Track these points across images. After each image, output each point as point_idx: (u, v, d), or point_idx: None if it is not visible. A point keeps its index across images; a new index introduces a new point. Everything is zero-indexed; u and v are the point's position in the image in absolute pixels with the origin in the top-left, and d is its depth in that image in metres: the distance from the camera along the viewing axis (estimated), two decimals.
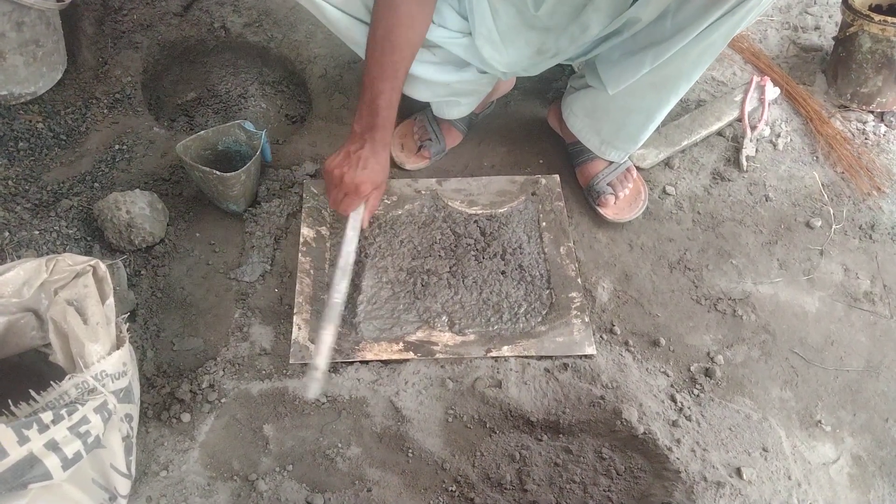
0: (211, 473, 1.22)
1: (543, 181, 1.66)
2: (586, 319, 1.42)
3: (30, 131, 1.68)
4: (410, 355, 1.36)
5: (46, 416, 0.91)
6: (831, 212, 1.67)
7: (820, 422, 1.35)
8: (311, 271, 1.48)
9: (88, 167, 1.65)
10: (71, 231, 1.49)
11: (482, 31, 1.37)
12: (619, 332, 1.44)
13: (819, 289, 1.54)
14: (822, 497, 1.26)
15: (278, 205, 1.58)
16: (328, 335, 1.29)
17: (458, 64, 1.49)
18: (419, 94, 1.54)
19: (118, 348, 1.05)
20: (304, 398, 1.29)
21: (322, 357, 1.27)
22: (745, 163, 1.73)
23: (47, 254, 1.41)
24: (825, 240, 1.62)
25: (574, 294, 1.46)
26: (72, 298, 1.06)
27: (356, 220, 1.42)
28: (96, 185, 1.61)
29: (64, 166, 1.64)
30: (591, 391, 1.32)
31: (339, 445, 1.26)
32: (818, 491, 1.26)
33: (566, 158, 1.72)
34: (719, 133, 1.80)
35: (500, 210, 1.61)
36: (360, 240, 1.46)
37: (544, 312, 1.44)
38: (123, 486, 1.09)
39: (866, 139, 1.83)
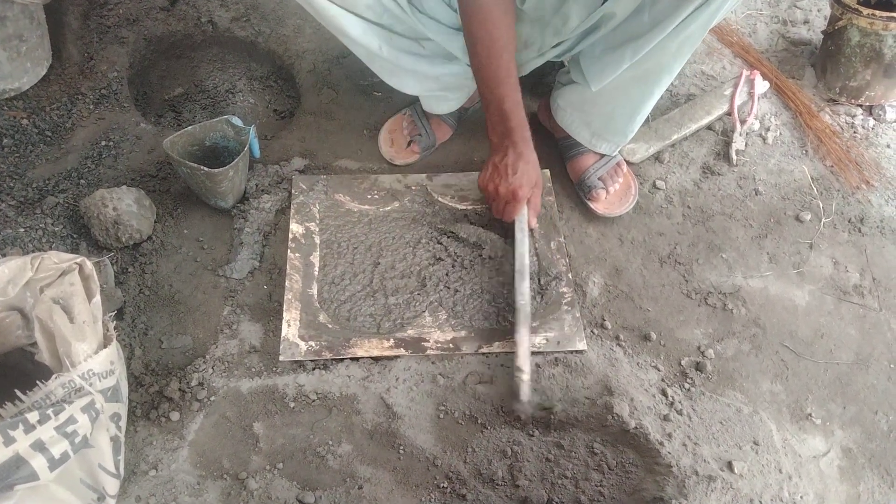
0: (201, 472, 1.21)
1: None
2: (577, 314, 1.42)
3: (14, 128, 1.66)
4: (401, 352, 1.36)
5: (32, 417, 0.90)
6: (821, 205, 1.67)
7: (810, 415, 1.36)
8: (301, 267, 1.47)
9: (74, 164, 1.63)
10: (57, 228, 1.47)
11: None
12: (609, 327, 1.44)
13: (809, 282, 1.54)
14: (812, 490, 1.26)
15: (267, 201, 1.57)
16: (524, 337, 1.31)
17: (447, 57, 1.49)
18: (407, 86, 1.54)
19: (105, 347, 1.04)
20: (518, 400, 1.27)
21: (524, 359, 1.28)
22: (734, 157, 1.73)
23: (33, 251, 1.38)
24: (815, 233, 1.62)
25: (565, 289, 1.46)
26: (58, 297, 1.05)
27: (522, 223, 1.44)
28: (82, 181, 1.59)
29: (49, 163, 1.63)
30: (582, 386, 1.32)
31: (330, 443, 1.25)
32: (809, 484, 1.27)
33: (556, 153, 1.72)
34: (709, 127, 1.80)
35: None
36: (530, 240, 1.49)
37: (535, 308, 1.44)
38: (112, 485, 1.08)
39: (855, 133, 1.84)
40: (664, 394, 1.33)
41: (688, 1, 1.21)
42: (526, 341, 1.31)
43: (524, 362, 1.28)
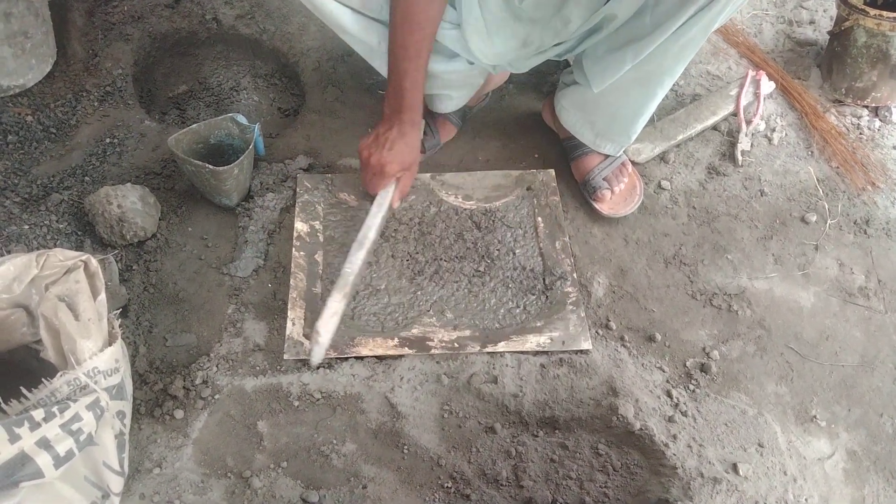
0: (205, 470, 1.20)
1: (539, 176, 1.65)
2: (582, 314, 1.42)
3: (19, 124, 1.66)
4: (406, 351, 1.36)
5: (38, 414, 0.90)
6: (826, 207, 1.67)
7: (815, 417, 1.35)
8: (305, 266, 1.46)
9: (79, 161, 1.62)
10: (61, 226, 1.47)
11: (469, 20, 1.38)
12: (614, 328, 1.43)
13: (814, 284, 1.54)
14: (817, 492, 1.26)
15: (271, 199, 1.57)
16: (335, 302, 1.31)
17: (447, 54, 1.48)
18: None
19: (110, 345, 1.03)
20: (310, 364, 1.30)
21: (325, 322, 1.28)
22: (740, 157, 1.73)
23: (37, 249, 1.38)
24: (820, 235, 1.62)
25: (569, 289, 1.46)
26: (63, 294, 1.04)
27: (383, 198, 1.45)
28: (87, 179, 1.59)
29: (54, 160, 1.62)
30: (587, 386, 1.32)
31: (334, 442, 1.25)
32: (813, 486, 1.26)
33: (561, 153, 1.71)
34: (714, 127, 1.80)
35: (495, 204, 1.60)
36: (386, 219, 1.49)
37: (540, 307, 1.44)
38: (116, 483, 1.08)
39: (861, 134, 1.83)
40: (669, 395, 1.33)
41: (690, 4, 1.21)
42: (333, 306, 1.31)
43: (323, 325, 1.28)
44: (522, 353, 1.36)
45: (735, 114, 1.79)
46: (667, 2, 1.24)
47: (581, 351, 1.37)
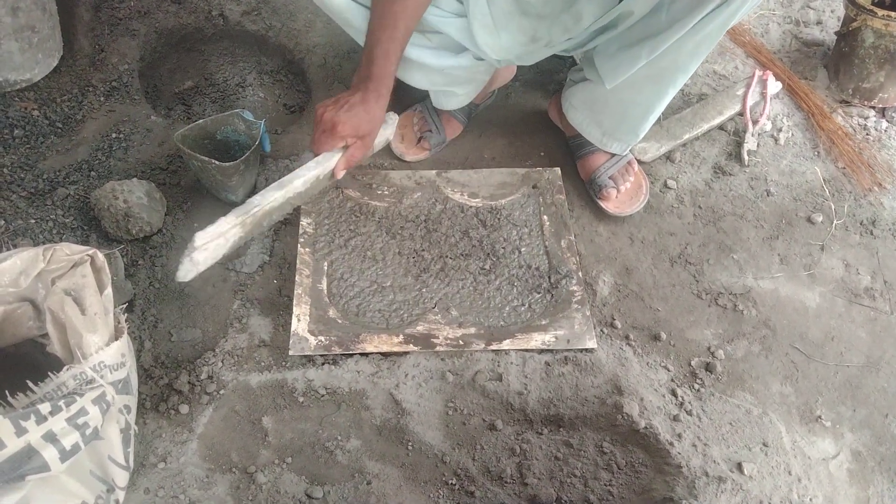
0: (209, 465, 1.21)
1: (545, 174, 1.65)
2: (587, 313, 1.42)
3: (25, 119, 1.66)
4: (411, 348, 1.36)
5: (44, 408, 0.90)
6: (832, 207, 1.66)
7: (820, 417, 1.35)
8: (311, 262, 1.46)
9: (85, 156, 1.63)
10: (67, 220, 1.47)
11: (477, 14, 1.37)
12: (619, 326, 1.43)
13: (820, 284, 1.54)
14: (821, 492, 1.26)
15: None
16: (226, 223, 1.20)
17: (455, 49, 1.47)
18: (415, 80, 1.53)
19: (116, 339, 1.03)
20: (175, 279, 1.17)
21: (204, 234, 1.17)
22: (746, 157, 1.72)
23: (43, 243, 1.39)
24: (826, 235, 1.62)
25: (575, 287, 1.46)
26: (69, 288, 1.04)
27: (326, 159, 1.34)
28: (93, 173, 1.59)
29: (60, 154, 1.62)
30: (591, 385, 1.32)
31: (339, 438, 1.25)
32: (818, 486, 1.26)
33: (567, 151, 1.71)
34: (721, 127, 1.79)
35: (501, 202, 1.60)
36: (322, 182, 1.37)
37: (545, 306, 1.44)
38: (121, 477, 1.08)
39: (868, 135, 1.83)
40: (674, 394, 1.33)
41: (707, 1, 1.20)
42: (223, 227, 1.19)
43: (201, 238, 1.16)
44: (527, 350, 1.36)
45: (741, 113, 1.79)
46: (682, 0, 1.23)
47: (586, 349, 1.37)
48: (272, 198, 1.26)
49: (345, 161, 1.36)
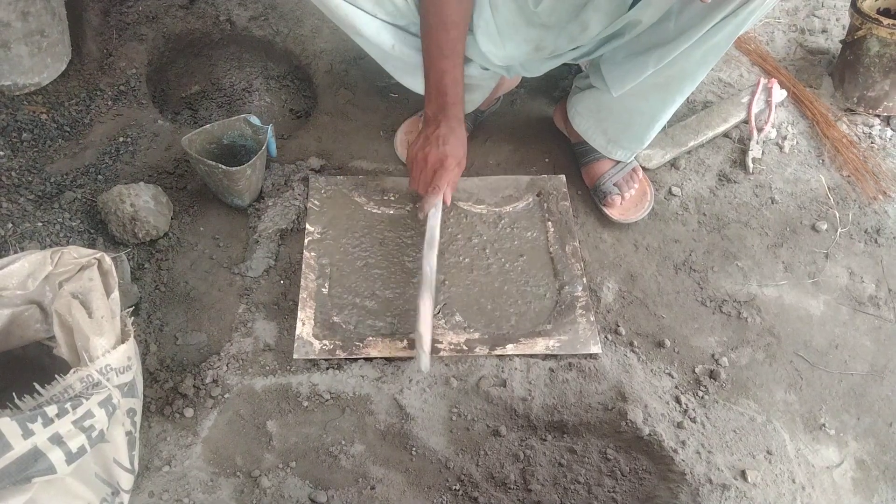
0: (214, 469, 1.21)
1: (549, 181, 1.66)
2: (591, 319, 1.42)
3: (33, 122, 1.67)
4: (415, 353, 1.36)
5: (51, 410, 0.90)
6: (837, 215, 1.66)
7: (824, 425, 1.35)
8: (316, 267, 1.47)
9: (92, 159, 1.63)
10: (74, 223, 1.48)
11: (479, 23, 1.38)
12: (623, 333, 1.43)
13: (824, 292, 1.54)
14: (825, 501, 1.25)
15: (283, 200, 1.58)
16: (426, 306, 1.31)
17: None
18: (420, 87, 1.53)
19: (123, 342, 1.04)
20: (419, 370, 1.31)
21: (426, 326, 1.29)
22: (751, 165, 1.73)
23: (50, 246, 1.39)
24: (830, 243, 1.62)
25: (579, 294, 1.46)
26: (77, 291, 1.05)
27: (438, 197, 1.44)
28: (100, 177, 1.60)
29: (67, 158, 1.63)
30: (596, 391, 1.32)
31: (343, 443, 1.25)
32: (822, 495, 1.26)
33: (572, 157, 1.72)
34: (726, 135, 1.80)
35: (505, 209, 1.61)
36: (442, 216, 1.48)
37: (549, 312, 1.44)
38: (126, 480, 1.08)
39: (872, 143, 1.83)
40: (678, 401, 1.33)
41: (716, 11, 1.19)
42: (427, 309, 1.31)
43: (425, 329, 1.29)
44: (531, 356, 1.37)
45: (746, 121, 1.79)
46: (692, 8, 1.22)
47: (590, 355, 1.37)
48: (434, 259, 1.39)
49: (451, 190, 1.47)
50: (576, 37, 1.37)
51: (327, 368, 1.34)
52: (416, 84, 1.53)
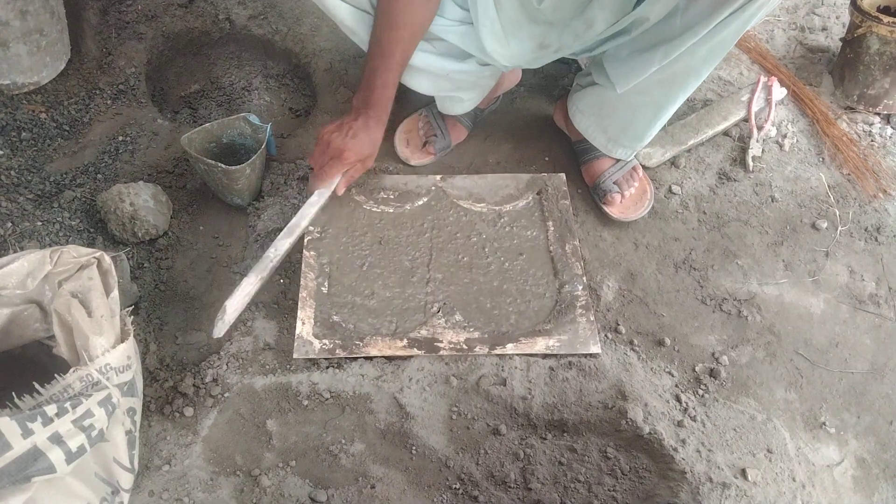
0: (213, 468, 1.21)
1: (549, 179, 1.66)
2: (591, 318, 1.42)
3: (32, 121, 1.67)
4: (415, 352, 1.36)
5: (50, 409, 0.90)
6: (837, 213, 1.66)
7: (824, 424, 1.35)
8: (315, 265, 1.47)
9: (91, 158, 1.63)
10: (74, 223, 1.48)
11: (485, 22, 1.37)
12: (624, 332, 1.43)
13: (824, 290, 1.54)
14: (825, 499, 1.25)
15: (283, 199, 1.57)
16: (249, 284, 1.32)
17: (459, 55, 1.48)
18: (420, 85, 1.53)
19: (123, 341, 1.04)
20: (210, 336, 1.30)
21: (234, 301, 1.29)
22: (751, 163, 1.73)
23: (50, 245, 1.40)
24: (831, 241, 1.62)
25: (579, 293, 1.46)
26: (76, 290, 1.05)
27: (328, 188, 1.45)
28: (99, 176, 1.60)
29: (67, 157, 1.63)
30: (596, 390, 1.32)
31: (343, 441, 1.25)
32: (822, 493, 1.26)
33: (572, 156, 1.72)
34: (726, 133, 1.79)
35: (505, 207, 1.61)
36: (322, 209, 1.47)
37: (549, 311, 1.44)
38: (126, 480, 1.08)
39: (872, 141, 1.83)
40: (678, 399, 1.33)
41: (723, 7, 1.19)
42: (247, 288, 1.31)
43: (231, 304, 1.28)
44: (531, 355, 1.36)
45: (746, 119, 1.79)
46: (699, 5, 1.22)
47: (590, 354, 1.37)
48: (284, 246, 1.38)
49: (345, 181, 1.47)
50: (581, 34, 1.36)
51: (327, 367, 1.33)
52: (414, 83, 1.53)
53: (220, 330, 1.28)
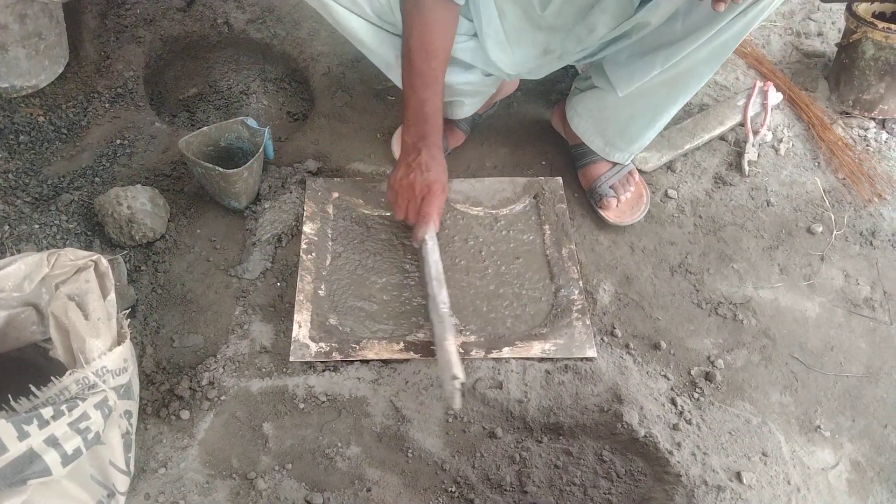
0: (210, 471, 1.21)
1: (546, 183, 1.66)
2: (587, 322, 1.42)
3: (30, 124, 1.67)
4: (411, 355, 1.36)
5: (46, 412, 0.91)
6: (832, 218, 1.67)
7: (819, 427, 1.35)
8: (313, 269, 1.47)
9: (89, 161, 1.64)
10: (71, 225, 1.48)
11: (489, 31, 1.37)
12: (619, 335, 1.44)
13: (819, 294, 1.54)
14: (820, 502, 1.26)
15: (280, 202, 1.58)
16: (452, 345, 1.29)
17: (464, 66, 1.49)
18: None
19: (119, 344, 1.04)
20: (452, 408, 1.27)
21: (458, 367, 1.24)
22: (747, 167, 1.73)
23: (47, 248, 1.40)
24: (826, 245, 1.62)
25: (575, 296, 1.46)
26: (73, 293, 1.05)
27: (432, 231, 1.42)
28: (97, 179, 1.60)
29: (65, 160, 1.64)
30: (591, 393, 1.32)
31: (339, 445, 1.25)
32: (817, 496, 1.26)
33: (569, 160, 1.72)
34: (722, 137, 1.80)
35: (502, 211, 1.61)
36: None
37: (545, 314, 1.44)
38: (122, 482, 1.08)
39: (868, 146, 1.84)
40: (674, 403, 1.33)
41: (724, 13, 1.19)
42: (453, 348, 1.28)
43: (458, 370, 1.24)
44: (527, 359, 1.37)
45: (742, 124, 1.79)
46: (700, 9, 1.22)
47: (586, 358, 1.38)
48: (446, 296, 1.37)
49: (438, 216, 1.44)
50: (583, 39, 1.37)
51: (323, 371, 1.34)
52: None
53: (459, 401, 1.24)
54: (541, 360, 1.37)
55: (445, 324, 1.32)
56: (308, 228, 1.53)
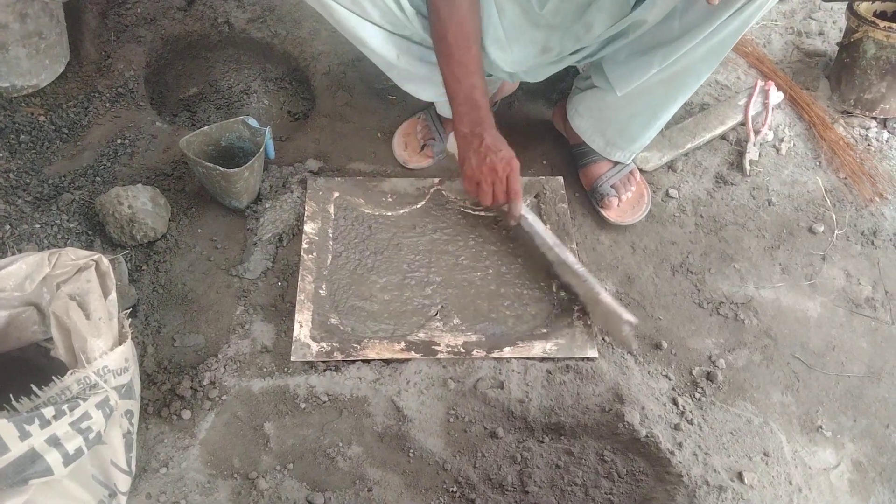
0: (211, 471, 1.21)
1: (547, 183, 1.66)
2: (588, 322, 1.42)
3: (31, 124, 1.67)
4: (412, 355, 1.36)
5: (48, 412, 0.91)
6: (834, 217, 1.67)
7: (821, 427, 1.35)
8: (314, 268, 1.47)
9: (90, 161, 1.64)
10: (72, 225, 1.48)
11: (488, 30, 1.38)
12: None
13: (821, 294, 1.54)
14: (822, 502, 1.26)
15: (281, 202, 1.58)
16: (608, 296, 1.39)
17: None
18: (423, 93, 1.55)
19: (120, 344, 1.04)
20: (632, 349, 1.41)
21: (627, 312, 1.37)
22: (748, 167, 1.73)
23: (48, 247, 1.39)
24: (827, 245, 1.62)
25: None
26: (74, 293, 1.05)
27: (527, 208, 1.47)
28: (98, 179, 1.60)
29: (65, 160, 1.64)
30: (593, 393, 1.32)
31: (340, 444, 1.25)
32: (819, 496, 1.26)
33: (569, 159, 1.72)
34: (723, 137, 1.80)
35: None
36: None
37: (547, 314, 1.44)
38: (123, 482, 1.08)
39: (869, 145, 1.84)
40: (675, 403, 1.33)
41: (722, 10, 1.19)
42: (612, 298, 1.38)
43: (629, 315, 1.36)
44: (529, 359, 1.37)
45: (743, 123, 1.79)
46: (697, 7, 1.22)
47: (587, 358, 1.37)
48: (570, 254, 1.45)
49: (518, 198, 1.44)
50: (581, 37, 1.37)
51: (325, 370, 1.34)
52: (417, 90, 1.54)
53: (636, 341, 1.39)
54: (542, 359, 1.37)
55: (590, 280, 1.40)
56: (309, 228, 1.53)
